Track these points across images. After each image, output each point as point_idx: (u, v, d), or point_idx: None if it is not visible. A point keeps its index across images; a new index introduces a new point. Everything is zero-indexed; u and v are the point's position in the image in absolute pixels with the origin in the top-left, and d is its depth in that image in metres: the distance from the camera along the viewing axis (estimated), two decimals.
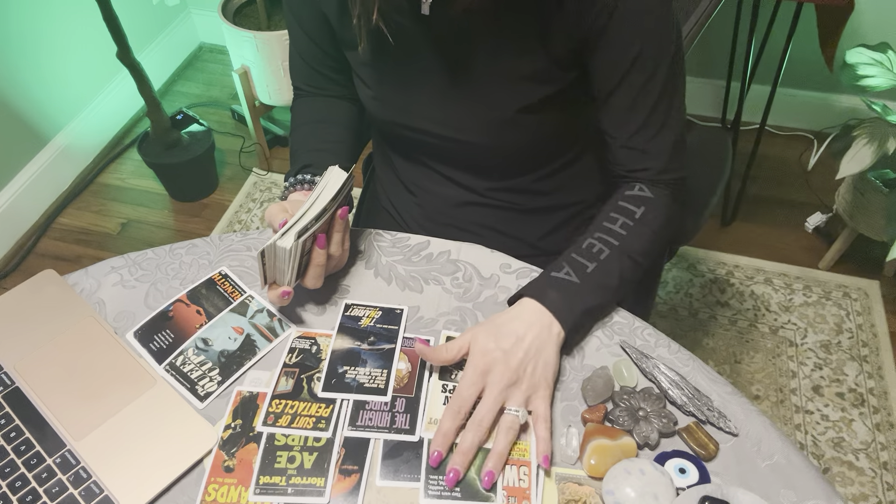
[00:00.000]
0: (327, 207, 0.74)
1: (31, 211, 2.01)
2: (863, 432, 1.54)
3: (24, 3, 1.86)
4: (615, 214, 0.80)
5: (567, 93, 0.80)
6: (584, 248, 0.78)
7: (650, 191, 0.82)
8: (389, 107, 0.87)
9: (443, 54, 0.79)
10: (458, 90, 0.81)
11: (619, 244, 0.77)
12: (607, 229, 0.79)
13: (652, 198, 0.81)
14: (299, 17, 0.88)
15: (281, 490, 0.65)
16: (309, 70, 0.94)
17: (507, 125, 0.82)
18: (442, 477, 0.65)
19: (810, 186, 2.07)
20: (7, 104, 1.87)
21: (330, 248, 0.77)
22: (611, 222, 0.79)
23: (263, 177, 2.14)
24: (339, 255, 0.79)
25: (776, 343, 1.70)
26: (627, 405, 0.70)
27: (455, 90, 0.81)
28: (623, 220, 0.79)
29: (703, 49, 2.10)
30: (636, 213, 0.79)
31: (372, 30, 0.79)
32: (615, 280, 0.76)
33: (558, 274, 0.75)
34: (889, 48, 1.54)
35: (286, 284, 0.74)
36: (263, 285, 0.75)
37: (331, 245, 0.77)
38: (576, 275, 0.75)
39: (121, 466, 0.66)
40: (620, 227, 0.78)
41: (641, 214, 0.80)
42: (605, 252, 0.77)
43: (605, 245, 0.77)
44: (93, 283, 0.83)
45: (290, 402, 0.71)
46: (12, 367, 0.74)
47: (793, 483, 0.65)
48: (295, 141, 0.94)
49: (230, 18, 1.94)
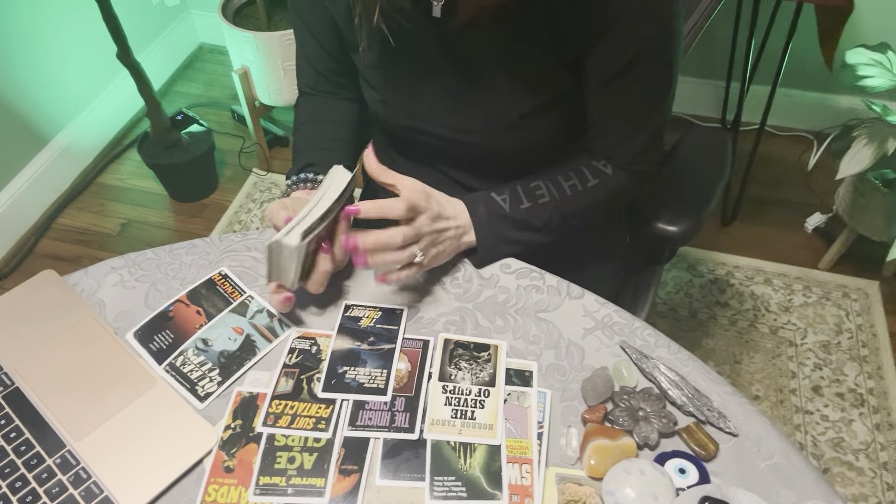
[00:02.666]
0: (332, 208, 0.74)
1: (31, 211, 2.01)
2: (862, 433, 1.54)
3: (24, 4, 1.86)
4: (571, 174, 0.86)
5: (569, 92, 0.81)
6: (530, 187, 0.84)
7: (612, 171, 0.87)
8: (396, 110, 0.87)
9: (451, 57, 0.79)
10: (466, 93, 0.81)
11: (560, 199, 0.84)
12: (557, 182, 0.85)
13: (610, 175, 0.86)
14: (307, 20, 0.88)
15: (281, 490, 0.65)
16: (314, 73, 0.94)
17: (513, 127, 0.83)
18: (447, 478, 0.65)
19: (810, 187, 2.07)
20: (7, 104, 1.87)
21: (334, 250, 0.77)
22: (564, 178, 0.85)
23: (263, 177, 2.14)
24: (342, 257, 0.79)
25: (776, 343, 1.70)
26: (627, 405, 0.70)
27: (462, 93, 0.82)
28: (574, 182, 0.85)
29: (703, 49, 2.10)
30: (589, 182, 0.86)
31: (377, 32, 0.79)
32: (540, 223, 0.83)
33: (496, 197, 0.82)
34: (889, 48, 1.54)
35: (290, 285, 0.74)
36: (269, 282, 0.75)
37: (334, 247, 0.77)
38: (509, 204, 0.82)
39: (121, 467, 0.66)
40: (569, 188, 0.85)
41: (593, 185, 0.86)
42: (544, 198, 0.83)
43: (547, 192, 0.84)
44: (93, 284, 0.83)
45: (290, 402, 0.71)
46: (12, 367, 0.74)
47: (793, 483, 0.65)
48: (297, 139, 0.94)
49: (230, 19, 1.94)
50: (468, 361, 0.75)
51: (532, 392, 0.73)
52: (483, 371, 0.74)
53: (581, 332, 0.78)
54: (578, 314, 0.80)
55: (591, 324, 0.79)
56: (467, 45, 0.77)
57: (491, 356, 0.76)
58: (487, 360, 0.75)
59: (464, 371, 0.74)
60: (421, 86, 0.83)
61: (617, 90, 0.79)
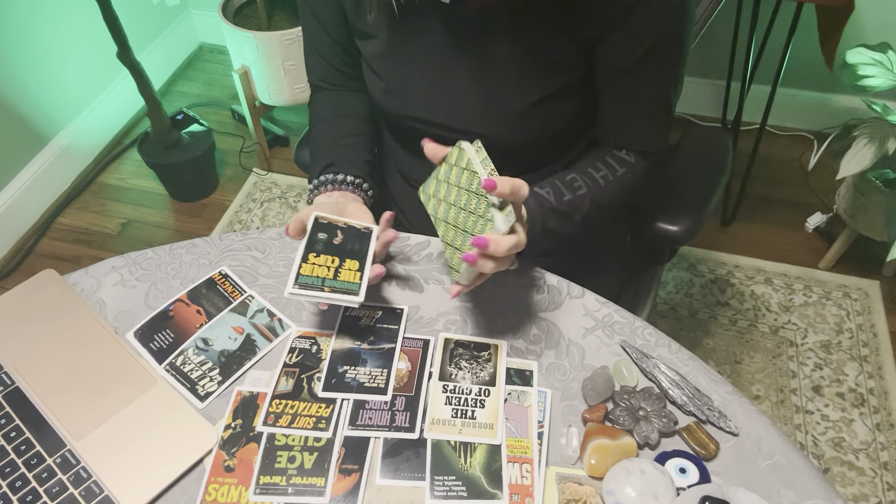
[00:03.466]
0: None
1: (31, 211, 2.01)
2: (863, 432, 1.54)
3: (24, 3, 1.86)
4: (601, 165, 0.86)
5: (581, 82, 0.80)
6: (567, 180, 0.84)
7: (635, 159, 0.88)
8: (401, 99, 0.86)
9: (461, 44, 0.79)
10: (476, 82, 0.81)
11: (595, 189, 0.84)
12: (590, 174, 0.85)
13: (634, 163, 0.87)
14: (316, 10, 0.87)
15: (281, 490, 0.65)
16: (325, 65, 0.94)
17: (523, 116, 0.82)
18: (448, 477, 0.65)
19: (810, 186, 2.07)
20: (7, 104, 1.87)
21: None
22: (595, 170, 0.86)
23: (263, 177, 2.14)
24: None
25: (776, 343, 1.70)
26: (628, 405, 0.70)
27: (472, 82, 0.81)
28: (605, 173, 0.86)
29: (703, 49, 2.10)
30: (618, 171, 0.86)
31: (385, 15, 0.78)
32: (579, 216, 0.83)
33: (540, 191, 0.82)
34: (889, 48, 1.54)
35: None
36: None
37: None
38: (553, 197, 0.82)
39: (121, 466, 0.66)
40: (601, 178, 0.86)
41: (622, 174, 0.87)
42: (582, 189, 0.84)
43: (584, 184, 0.84)
44: (93, 283, 0.83)
45: (291, 402, 0.71)
46: (12, 367, 0.74)
47: (793, 483, 0.65)
48: (315, 137, 0.94)
49: (230, 18, 1.94)
50: (468, 361, 0.75)
51: (532, 391, 0.73)
52: (483, 370, 0.74)
53: (581, 332, 0.78)
54: (579, 313, 0.80)
55: (592, 323, 0.79)
56: (478, 32, 0.77)
57: (491, 355, 0.76)
58: (488, 359, 0.75)
59: (464, 370, 0.74)
60: (428, 73, 0.82)
61: (635, 80, 0.79)
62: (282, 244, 0.88)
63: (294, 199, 2.07)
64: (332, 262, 0.73)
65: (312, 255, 0.73)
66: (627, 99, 0.82)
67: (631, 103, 0.82)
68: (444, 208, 0.71)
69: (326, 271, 0.72)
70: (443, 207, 0.72)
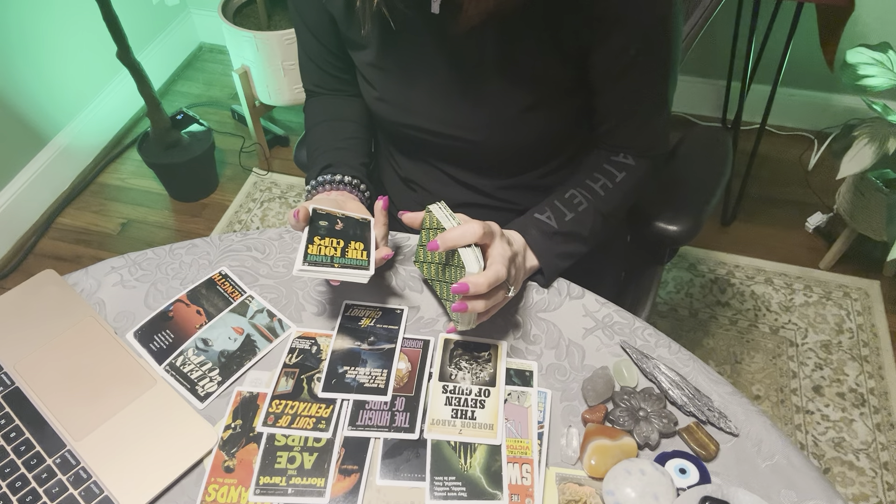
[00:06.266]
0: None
1: (31, 211, 2.01)
2: (863, 432, 1.54)
3: (24, 4, 1.86)
4: (598, 175, 0.86)
5: (573, 86, 0.81)
6: (566, 198, 0.84)
7: (633, 160, 0.87)
8: (395, 107, 0.87)
9: (450, 53, 0.79)
10: (465, 89, 0.81)
11: (596, 202, 0.85)
12: (588, 186, 0.85)
13: (633, 165, 0.87)
14: (306, 19, 0.88)
15: (281, 490, 0.65)
16: (319, 71, 0.94)
17: (513, 123, 0.82)
18: (448, 478, 0.65)
19: (810, 186, 2.07)
20: (7, 104, 1.87)
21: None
22: (593, 181, 0.86)
23: (263, 177, 2.14)
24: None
25: (777, 343, 1.70)
26: (628, 405, 0.70)
27: (462, 89, 0.81)
28: (604, 182, 0.86)
29: (703, 49, 2.10)
30: (616, 178, 0.86)
31: (377, 27, 0.79)
32: (586, 231, 0.83)
33: (541, 217, 0.82)
34: (889, 48, 1.54)
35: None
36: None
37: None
38: (555, 220, 0.82)
39: (121, 467, 0.66)
40: (601, 188, 0.85)
41: (621, 179, 0.86)
42: (583, 205, 0.84)
43: (584, 199, 0.84)
44: (93, 283, 0.83)
45: (291, 402, 0.71)
46: (12, 367, 0.74)
47: (793, 483, 0.65)
48: (311, 141, 0.94)
49: (230, 18, 1.94)
50: (468, 361, 0.75)
51: (532, 392, 0.73)
52: (483, 371, 0.74)
53: (581, 332, 0.78)
54: (579, 314, 0.80)
55: (592, 323, 0.79)
56: (467, 42, 0.77)
57: (491, 356, 0.76)
58: (488, 359, 0.75)
59: (464, 371, 0.74)
60: (420, 82, 0.83)
61: (628, 82, 0.79)
62: (281, 245, 0.88)
63: (294, 199, 2.07)
64: (336, 243, 0.74)
65: (317, 238, 0.73)
66: (622, 100, 0.82)
67: (626, 104, 0.83)
68: (434, 269, 0.77)
69: (334, 251, 0.73)
70: (432, 269, 0.77)
